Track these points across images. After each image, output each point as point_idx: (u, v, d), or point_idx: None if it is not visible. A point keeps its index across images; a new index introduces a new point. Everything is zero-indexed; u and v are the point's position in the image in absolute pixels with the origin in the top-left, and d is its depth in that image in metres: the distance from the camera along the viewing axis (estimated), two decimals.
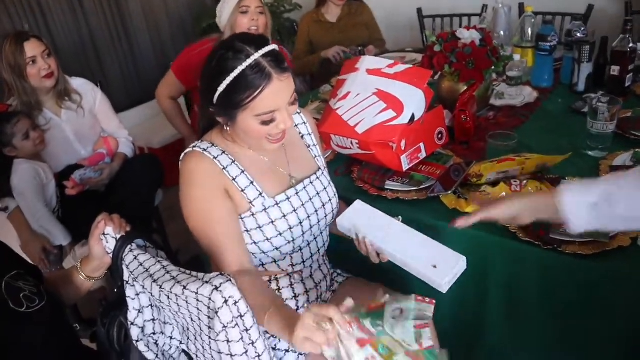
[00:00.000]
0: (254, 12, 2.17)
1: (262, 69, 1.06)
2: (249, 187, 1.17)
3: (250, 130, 1.12)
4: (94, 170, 2.16)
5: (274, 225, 1.17)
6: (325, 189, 1.29)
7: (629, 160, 1.48)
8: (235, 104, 1.08)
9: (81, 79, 2.29)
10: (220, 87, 1.08)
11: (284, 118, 1.11)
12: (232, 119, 1.11)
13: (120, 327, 1.15)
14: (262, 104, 1.07)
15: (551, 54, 2.10)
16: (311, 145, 1.34)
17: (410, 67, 1.57)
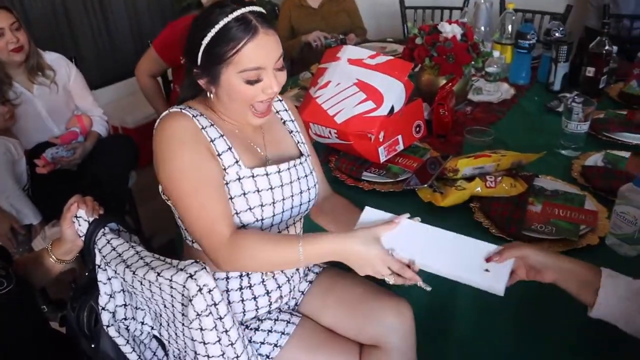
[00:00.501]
0: None
1: (247, 22, 1.03)
2: (226, 152, 1.10)
3: (235, 92, 1.07)
4: (66, 149, 2.11)
5: (246, 197, 1.10)
6: (306, 176, 1.24)
7: (601, 161, 1.51)
8: (219, 58, 1.03)
9: (55, 54, 2.23)
10: (204, 41, 1.04)
11: (271, 81, 1.07)
12: (216, 79, 1.06)
13: (90, 312, 1.13)
14: (247, 58, 1.03)
15: (530, 52, 2.13)
16: (294, 132, 1.30)
17: (391, 59, 1.57)
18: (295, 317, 1.24)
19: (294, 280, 1.26)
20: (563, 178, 1.44)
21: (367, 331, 1.23)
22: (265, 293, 1.21)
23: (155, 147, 1.09)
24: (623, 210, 1.12)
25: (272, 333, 1.19)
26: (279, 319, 1.22)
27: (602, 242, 1.18)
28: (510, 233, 1.22)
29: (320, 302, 1.30)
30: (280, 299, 1.24)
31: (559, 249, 1.17)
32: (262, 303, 1.21)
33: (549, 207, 1.31)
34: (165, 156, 1.06)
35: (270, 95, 1.09)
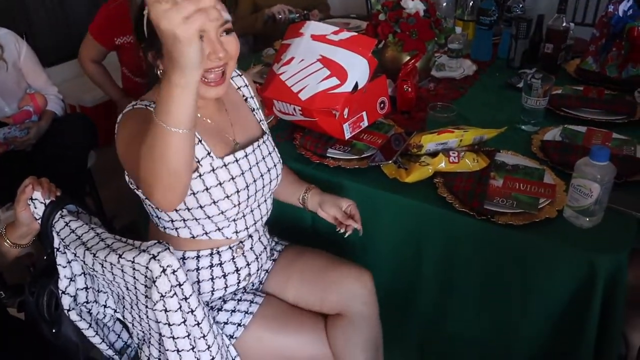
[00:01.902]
0: None
1: None
2: (197, 145, 1.08)
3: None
4: (19, 129, 2.02)
5: (222, 187, 1.11)
6: (270, 154, 1.26)
7: (559, 136, 1.55)
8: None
9: (3, 29, 2.11)
10: (145, 11, 0.94)
11: (214, 46, 0.99)
12: (159, 50, 0.98)
13: (50, 296, 1.10)
14: None
15: (491, 29, 2.15)
16: (255, 109, 1.30)
17: (355, 35, 1.56)
18: (259, 296, 1.25)
19: (261, 259, 1.27)
20: (523, 153, 1.47)
21: (329, 300, 1.27)
22: (234, 270, 1.21)
23: (119, 144, 1.02)
24: (579, 184, 1.15)
25: (235, 313, 1.19)
26: (242, 299, 1.23)
27: (560, 214, 1.22)
28: (472, 207, 1.24)
29: (283, 278, 1.32)
30: (248, 277, 1.24)
31: (520, 222, 1.19)
32: (231, 281, 1.22)
33: (509, 181, 1.33)
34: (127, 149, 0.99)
35: (217, 63, 1.02)
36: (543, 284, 1.19)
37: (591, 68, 1.95)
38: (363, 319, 1.26)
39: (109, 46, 2.27)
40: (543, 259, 1.17)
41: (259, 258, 1.26)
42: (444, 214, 1.27)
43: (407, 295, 1.43)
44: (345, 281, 1.27)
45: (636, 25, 1.80)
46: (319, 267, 1.31)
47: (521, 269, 1.21)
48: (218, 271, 1.19)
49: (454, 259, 1.31)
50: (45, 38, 3.27)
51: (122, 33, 2.22)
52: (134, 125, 1.00)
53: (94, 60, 2.31)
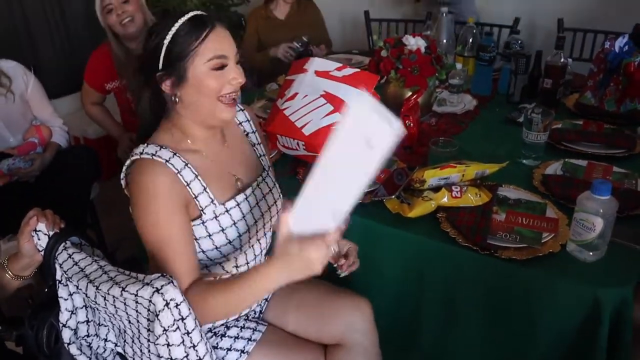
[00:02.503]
0: (118, 6, 2.12)
1: (202, 18, 1.07)
2: (202, 193, 1.11)
3: (204, 85, 1.07)
4: (24, 160, 2.04)
5: (224, 233, 1.13)
6: (271, 190, 1.27)
7: (560, 170, 1.56)
8: (184, 52, 1.05)
9: (12, 62, 2.15)
10: (165, 41, 1.05)
11: (235, 71, 1.09)
12: (182, 76, 1.07)
13: (50, 329, 1.09)
14: (211, 46, 1.06)
15: (490, 65, 2.19)
16: (256, 144, 1.31)
17: (358, 71, 1.59)
18: (261, 325, 1.26)
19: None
20: (525, 187, 1.48)
21: (328, 330, 1.26)
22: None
23: (130, 194, 1.09)
24: (582, 218, 1.16)
25: (238, 340, 1.20)
26: (245, 326, 1.23)
27: (563, 248, 1.22)
28: (476, 242, 1.24)
29: (282, 308, 1.32)
30: (249, 307, 1.25)
31: (523, 256, 1.19)
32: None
33: (512, 215, 1.34)
34: (139, 209, 1.06)
35: (236, 86, 1.10)
36: (548, 318, 1.18)
37: (590, 102, 1.98)
38: (363, 349, 1.26)
39: (102, 91, 2.34)
40: (547, 293, 1.17)
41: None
42: (447, 249, 1.27)
43: (410, 330, 1.42)
44: (343, 311, 1.27)
45: (632, 60, 1.84)
46: (318, 297, 1.31)
47: (525, 304, 1.20)
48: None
49: (457, 294, 1.31)
50: (51, 71, 3.32)
51: (111, 78, 2.28)
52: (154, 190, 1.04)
53: (95, 103, 2.39)
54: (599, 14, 3.02)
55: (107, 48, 2.23)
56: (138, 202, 1.06)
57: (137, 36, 2.19)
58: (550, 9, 3.08)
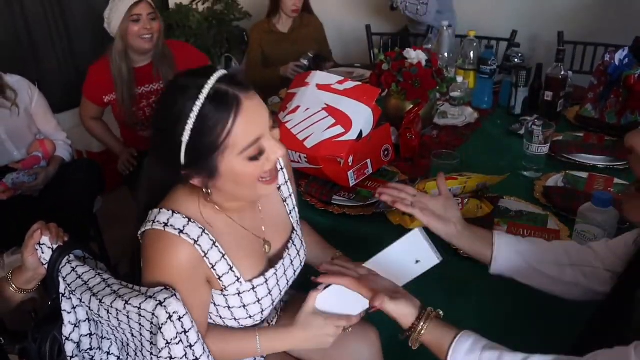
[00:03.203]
0: (146, 20, 2.16)
1: (224, 94, 0.87)
2: (227, 273, 1.01)
3: (241, 176, 0.92)
4: (27, 174, 2.05)
5: (246, 309, 1.06)
6: (299, 252, 1.17)
7: (561, 181, 1.57)
8: (210, 148, 0.87)
9: (17, 76, 2.18)
10: (183, 138, 0.87)
11: (273, 145, 0.92)
12: (213, 172, 0.90)
13: (53, 342, 1.09)
14: (243, 134, 0.88)
15: (491, 77, 2.21)
16: (287, 198, 1.18)
17: (359, 85, 1.61)
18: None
19: (270, 317, 1.23)
20: (526, 199, 1.48)
21: (333, 356, 1.21)
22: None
23: (148, 264, 0.97)
24: (583, 229, 1.16)
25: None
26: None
27: None
28: None
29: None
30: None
31: None
32: None
33: (514, 227, 1.34)
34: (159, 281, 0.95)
35: (275, 160, 0.95)
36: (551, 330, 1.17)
37: (590, 115, 1.99)
38: None
39: (101, 104, 2.36)
40: (550, 305, 1.16)
41: (269, 320, 1.23)
42: (449, 261, 1.27)
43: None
44: (350, 339, 1.20)
45: (633, 73, 1.85)
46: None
47: (529, 316, 1.20)
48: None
49: (459, 305, 1.30)
50: (54, 85, 3.35)
51: (108, 91, 2.30)
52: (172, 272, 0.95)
53: (93, 117, 2.42)
54: (599, 27, 3.04)
55: (107, 60, 2.26)
56: (155, 274, 0.96)
57: (145, 53, 2.26)
58: (551, 22, 3.10)
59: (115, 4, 2.18)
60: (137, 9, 2.14)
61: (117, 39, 2.20)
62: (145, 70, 2.31)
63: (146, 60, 2.31)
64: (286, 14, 2.88)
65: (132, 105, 2.28)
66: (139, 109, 2.33)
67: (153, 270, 0.97)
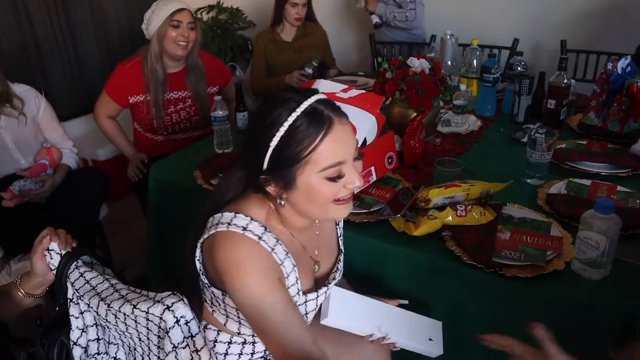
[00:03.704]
0: (185, 28, 2.21)
1: (320, 113, 0.91)
2: (294, 285, 1.02)
3: (316, 194, 0.94)
4: (34, 182, 2.07)
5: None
6: (341, 275, 1.19)
7: (564, 189, 1.58)
8: (293, 159, 0.91)
9: (25, 86, 2.20)
10: (272, 143, 0.91)
11: (353, 174, 0.95)
12: (290, 183, 0.93)
13: (61, 348, 1.11)
14: (326, 154, 0.91)
15: (494, 86, 2.22)
16: (339, 222, 1.21)
17: (363, 93, 1.62)
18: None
19: None
20: (529, 206, 1.49)
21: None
22: (264, 349, 1.14)
23: (222, 267, 0.96)
24: (586, 236, 1.17)
25: None
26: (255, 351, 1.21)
27: (567, 266, 1.23)
28: (481, 260, 1.25)
29: None
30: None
31: (528, 274, 1.20)
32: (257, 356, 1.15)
33: (517, 234, 1.35)
34: (235, 285, 0.95)
35: (352, 190, 0.98)
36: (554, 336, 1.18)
37: (593, 123, 2.00)
38: None
39: (123, 104, 2.37)
40: (552, 311, 1.17)
41: None
42: (452, 267, 1.28)
43: None
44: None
45: (635, 81, 1.86)
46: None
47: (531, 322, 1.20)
48: (249, 348, 1.11)
49: (463, 312, 1.31)
50: (61, 94, 3.39)
51: (136, 92, 2.32)
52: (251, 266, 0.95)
53: (109, 116, 2.41)
54: (601, 35, 3.06)
55: (140, 62, 2.30)
56: (231, 278, 0.94)
57: (178, 59, 2.30)
58: (553, 30, 3.12)
59: (158, 6, 2.22)
60: (179, 16, 2.19)
61: (153, 42, 2.25)
62: (177, 77, 2.35)
63: (179, 67, 2.35)
64: (289, 22, 2.91)
65: (162, 108, 2.31)
66: (166, 114, 2.36)
67: (244, 272, 0.94)
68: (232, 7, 3.94)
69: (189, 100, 2.39)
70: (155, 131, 2.40)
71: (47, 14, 3.27)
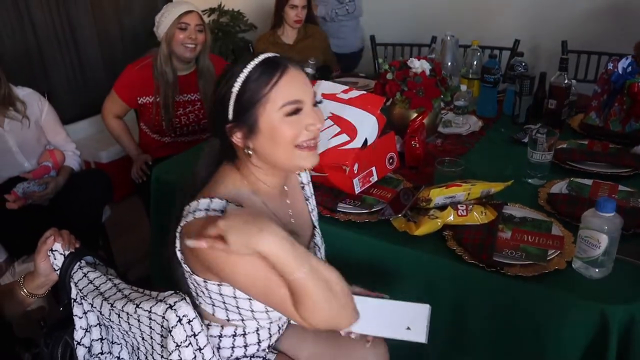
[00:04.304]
0: (192, 30, 2.22)
1: (275, 60, 1.00)
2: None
3: (278, 133, 0.99)
4: (38, 184, 2.08)
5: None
6: (320, 248, 1.22)
7: (565, 188, 1.58)
8: (253, 99, 0.98)
9: (28, 89, 2.21)
10: (234, 89, 0.99)
11: (312, 114, 1.01)
12: (253, 126, 0.99)
13: (65, 347, 1.12)
14: (284, 91, 0.98)
15: (495, 86, 2.23)
16: (309, 198, 1.26)
17: (364, 94, 1.63)
18: (272, 353, 1.24)
19: (281, 320, 1.22)
20: (530, 205, 1.49)
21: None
22: (257, 342, 1.17)
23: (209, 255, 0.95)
24: (587, 235, 1.17)
25: None
26: (255, 355, 1.21)
27: (569, 266, 1.23)
28: (482, 259, 1.25)
29: (298, 338, 1.29)
30: (268, 339, 1.20)
31: (529, 273, 1.20)
32: (251, 350, 1.18)
33: (518, 233, 1.35)
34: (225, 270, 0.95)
35: (314, 132, 1.02)
36: (555, 335, 1.18)
37: (595, 123, 2.00)
38: None
39: (132, 104, 2.38)
40: (554, 310, 1.17)
41: (281, 329, 1.24)
42: (453, 266, 1.29)
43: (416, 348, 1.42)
44: (358, 347, 1.23)
45: (636, 81, 1.86)
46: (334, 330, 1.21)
47: (532, 321, 1.21)
48: (240, 341, 1.15)
49: (464, 311, 1.31)
50: (63, 97, 3.40)
51: (145, 93, 2.33)
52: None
53: (116, 115, 2.42)
54: (602, 36, 3.06)
55: (150, 63, 2.31)
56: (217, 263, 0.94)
57: (187, 62, 2.31)
58: (554, 31, 3.13)
59: (167, 9, 2.23)
60: (187, 18, 2.20)
61: (162, 44, 2.26)
62: (187, 79, 2.36)
63: (189, 70, 2.37)
64: (289, 25, 2.93)
65: (171, 111, 2.33)
66: (175, 116, 2.37)
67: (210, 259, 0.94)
68: (233, 10, 3.95)
69: (198, 103, 2.40)
70: (162, 133, 2.41)
71: (50, 16, 3.29)
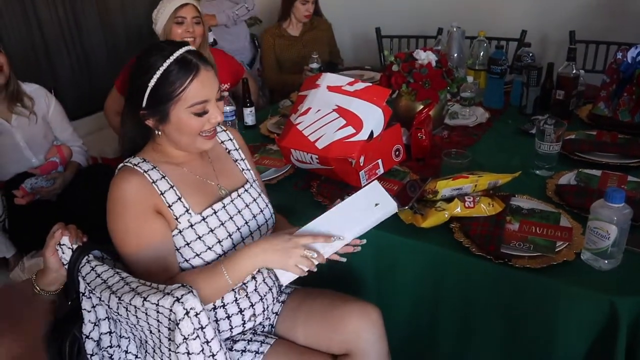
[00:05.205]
0: (189, 23, 2.21)
1: (188, 61, 1.13)
2: (176, 202, 1.17)
3: (184, 126, 1.15)
4: (45, 179, 2.10)
5: (202, 240, 1.18)
6: (255, 200, 1.32)
7: (573, 179, 1.57)
8: (167, 97, 1.12)
9: (35, 85, 2.23)
10: (150, 83, 1.12)
11: (214, 111, 1.17)
12: (164, 117, 1.14)
13: (73, 341, 1.12)
14: (193, 94, 1.13)
15: (502, 77, 2.21)
16: (238, 160, 1.38)
17: (369, 86, 1.62)
18: (270, 338, 1.26)
19: (267, 300, 1.27)
20: (538, 197, 1.48)
21: (336, 340, 1.26)
22: (238, 312, 1.22)
23: (107, 203, 1.17)
24: (596, 226, 1.16)
25: (246, 353, 1.21)
26: (252, 339, 1.24)
27: (578, 257, 1.22)
28: (489, 251, 1.25)
29: (291, 321, 1.32)
30: (253, 318, 1.25)
31: (537, 265, 1.20)
32: (236, 322, 1.23)
33: (526, 225, 1.34)
34: (111, 217, 1.15)
35: (215, 123, 1.19)
36: (564, 327, 1.18)
37: (603, 113, 1.98)
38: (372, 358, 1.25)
39: None
40: (563, 301, 1.17)
41: (264, 299, 1.26)
42: (461, 258, 1.28)
43: (425, 340, 1.42)
44: (350, 319, 1.26)
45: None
46: (324, 307, 1.31)
47: (541, 312, 1.20)
48: (221, 312, 1.21)
49: (472, 303, 1.31)
50: (69, 93, 3.41)
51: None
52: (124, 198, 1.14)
53: (118, 112, 2.42)
54: (610, 26, 3.02)
55: None
56: (110, 211, 1.15)
57: None
58: (562, 21, 3.10)
59: (163, 4, 2.23)
60: (182, 12, 2.19)
61: (161, 40, 2.24)
62: None
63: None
64: (298, 19, 2.92)
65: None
66: None
67: (109, 203, 1.15)
68: None
69: None
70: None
71: (55, 13, 3.29)
